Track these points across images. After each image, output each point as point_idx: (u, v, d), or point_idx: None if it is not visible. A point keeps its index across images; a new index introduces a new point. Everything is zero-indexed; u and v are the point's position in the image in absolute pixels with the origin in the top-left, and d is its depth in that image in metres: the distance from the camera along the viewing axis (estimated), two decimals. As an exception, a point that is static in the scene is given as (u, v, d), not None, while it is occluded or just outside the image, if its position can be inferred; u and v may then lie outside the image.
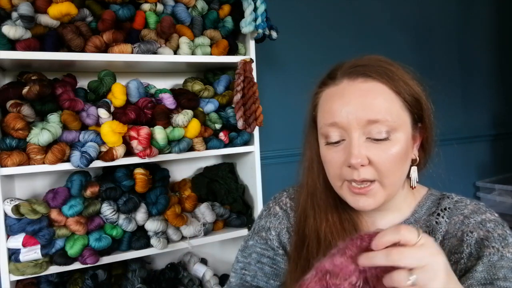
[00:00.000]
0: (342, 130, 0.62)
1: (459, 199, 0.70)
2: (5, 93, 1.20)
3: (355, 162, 0.59)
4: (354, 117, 0.61)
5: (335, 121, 0.63)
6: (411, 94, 0.64)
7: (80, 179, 1.29)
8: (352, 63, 0.66)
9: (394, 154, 0.61)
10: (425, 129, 0.68)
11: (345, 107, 0.62)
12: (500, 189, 2.63)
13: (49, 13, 1.22)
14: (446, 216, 0.67)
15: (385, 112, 0.61)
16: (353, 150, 0.60)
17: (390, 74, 0.64)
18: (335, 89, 0.65)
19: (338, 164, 0.63)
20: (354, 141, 0.61)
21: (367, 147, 0.61)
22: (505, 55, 2.94)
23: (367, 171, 0.61)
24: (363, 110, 0.61)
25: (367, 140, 0.61)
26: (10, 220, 1.22)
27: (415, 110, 0.65)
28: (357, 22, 2.22)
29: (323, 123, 0.66)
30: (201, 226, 1.49)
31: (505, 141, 2.96)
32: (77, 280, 1.36)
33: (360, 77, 0.63)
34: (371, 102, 0.61)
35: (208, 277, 1.58)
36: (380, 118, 0.60)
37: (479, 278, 0.58)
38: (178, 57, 1.42)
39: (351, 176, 0.61)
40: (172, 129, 1.38)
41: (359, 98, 0.62)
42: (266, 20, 1.52)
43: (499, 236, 0.61)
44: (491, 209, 0.67)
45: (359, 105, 0.61)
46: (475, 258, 0.61)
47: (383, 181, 0.62)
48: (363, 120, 0.60)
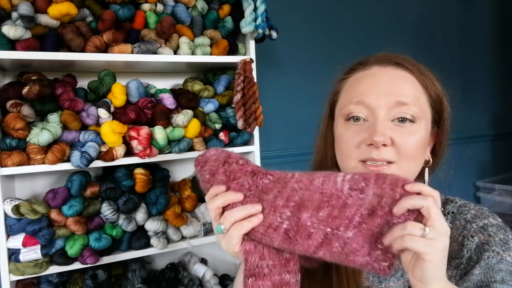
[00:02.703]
0: (368, 110, 0.62)
1: (463, 203, 0.69)
2: (5, 93, 1.20)
3: (379, 139, 0.59)
4: (383, 97, 0.61)
5: (363, 99, 0.63)
6: (436, 92, 0.66)
7: (80, 179, 1.29)
8: (384, 54, 0.68)
9: (418, 139, 0.62)
10: (441, 132, 0.68)
11: (375, 88, 0.63)
12: (500, 189, 2.63)
13: (49, 13, 1.22)
14: (449, 221, 0.66)
15: (413, 98, 0.62)
16: (378, 128, 0.60)
17: (421, 69, 0.66)
18: (365, 73, 0.66)
19: (356, 142, 0.62)
20: (380, 119, 0.61)
21: (392, 129, 0.61)
22: (505, 55, 2.94)
23: (388, 151, 0.60)
24: (393, 92, 0.62)
25: (392, 123, 0.62)
26: (10, 220, 1.22)
27: (436, 108, 0.67)
28: (357, 22, 2.22)
29: (347, 101, 0.65)
30: (201, 226, 1.49)
31: (505, 141, 2.96)
32: (77, 280, 1.36)
33: (391, 65, 0.65)
34: (401, 86, 0.63)
35: (208, 277, 1.58)
36: (408, 102, 0.61)
37: (475, 280, 0.56)
38: (178, 57, 1.42)
39: (370, 155, 0.60)
40: (172, 129, 1.38)
41: (390, 81, 0.63)
42: (266, 20, 1.51)
43: (500, 240, 0.60)
44: (494, 214, 0.66)
45: (390, 87, 0.62)
46: (474, 262, 0.59)
47: (402, 164, 0.61)
48: (391, 101, 0.61)
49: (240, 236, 0.53)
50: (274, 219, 0.52)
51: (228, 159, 0.56)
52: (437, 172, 0.73)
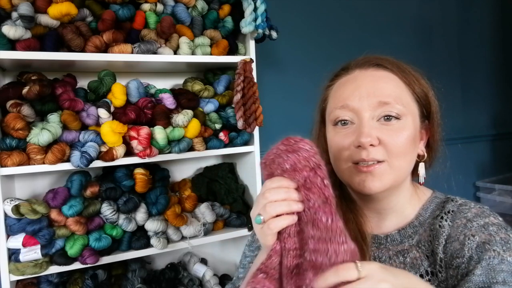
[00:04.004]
0: (352, 113, 0.64)
1: (463, 202, 0.69)
2: (5, 93, 1.20)
3: (365, 140, 0.60)
4: (365, 99, 0.63)
5: (347, 103, 0.64)
6: (420, 88, 0.67)
7: (80, 179, 1.28)
8: (365, 57, 0.69)
9: (405, 136, 0.63)
10: (432, 126, 0.69)
11: (356, 91, 0.64)
12: (500, 189, 2.62)
13: (49, 13, 1.22)
14: (449, 220, 0.66)
15: (395, 97, 0.63)
16: (363, 129, 0.62)
17: (401, 67, 0.67)
18: (347, 78, 0.68)
19: (346, 145, 0.64)
20: (365, 120, 0.63)
21: (378, 129, 0.62)
22: (505, 55, 2.93)
23: (377, 151, 0.62)
24: (374, 93, 0.63)
25: (378, 123, 0.63)
26: (10, 220, 1.22)
27: (423, 103, 0.67)
28: (357, 22, 2.22)
29: (333, 107, 0.67)
30: (201, 226, 1.49)
31: (505, 141, 2.95)
32: (77, 280, 1.36)
33: (372, 67, 0.67)
34: (382, 86, 0.64)
35: (208, 277, 1.58)
36: (390, 101, 0.63)
37: (477, 281, 0.56)
38: (178, 57, 1.42)
39: (360, 156, 0.62)
40: (172, 129, 1.38)
41: (371, 83, 0.64)
42: (266, 20, 1.52)
43: (501, 239, 0.60)
44: (495, 213, 0.66)
45: (371, 88, 0.64)
46: (475, 262, 0.59)
47: (392, 162, 0.63)
48: (374, 102, 0.63)
49: (276, 231, 0.53)
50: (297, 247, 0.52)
51: (317, 169, 0.51)
52: (434, 167, 0.73)
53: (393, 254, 0.69)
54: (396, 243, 0.70)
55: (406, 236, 0.69)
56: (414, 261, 0.67)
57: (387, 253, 0.70)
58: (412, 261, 0.67)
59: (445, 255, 0.63)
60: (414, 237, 0.69)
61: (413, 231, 0.69)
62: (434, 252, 0.65)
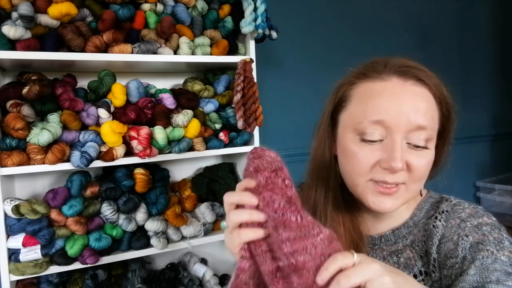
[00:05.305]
0: (385, 130, 0.60)
1: (458, 202, 0.69)
2: (5, 93, 1.20)
3: (397, 166, 0.58)
4: (405, 119, 0.59)
5: (383, 119, 0.59)
6: (447, 107, 0.65)
7: (80, 179, 1.28)
8: (401, 62, 0.64)
9: (428, 161, 0.62)
10: (443, 144, 0.67)
11: (397, 107, 0.59)
12: (500, 189, 2.63)
13: (49, 13, 1.22)
14: (443, 220, 0.66)
15: (431, 120, 0.61)
16: (395, 154, 0.58)
17: (435, 82, 0.63)
18: (383, 85, 0.62)
19: (371, 163, 0.61)
20: (397, 144, 0.59)
21: (407, 152, 0.60)
22: (505, 55, 2.94)
23: (401, 174, 0.60)
24: (415, 114, 0.59)
25: (407, 145, 0.60)
26: (10, 220, 1.22)
27: (444, 122, 0.65)
28: (357, 22, 2.22)
29: (363, 117, 0.61)
30: (201, 226, 1.49)
31: (505, 141, 2.96)
32: (77, 280, 1.36)
33: (411, 79, 0.62)
34: (420, 106, 0.60)
35: (208, 277, 1.58)
36: (427, 125, 0.60)
37: (471, 281, 0.56)
38: (178, 57, 1.42)
39: (384, 178, 0.60)
40: (172, 129, 1.39)
41: (411, 102, 0.60)
42: (266, 20, 1.52)
43: (494, 239, 0.60)
44: (489, 213, 0.66)
45: (411, 109, 0.59)
46: (469, 262, 0.59)
47: (410, 185, 0.62)
48: (413, 124, 0.59)
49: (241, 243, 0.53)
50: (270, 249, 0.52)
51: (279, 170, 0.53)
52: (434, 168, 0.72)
53: (387, 254, 0.69)
54: (390, 244, 0.70)
55: (400, 236, 0.70)
56: (408, 261, 0.67)
57: (381, 254, 0.70)
58: (406, 261, 0.67)
59: (439, 255, 0.64)
60: (408, 237, 0.69)
61: (407, 231, 0.69)
62: (428, 252, 0.65)
